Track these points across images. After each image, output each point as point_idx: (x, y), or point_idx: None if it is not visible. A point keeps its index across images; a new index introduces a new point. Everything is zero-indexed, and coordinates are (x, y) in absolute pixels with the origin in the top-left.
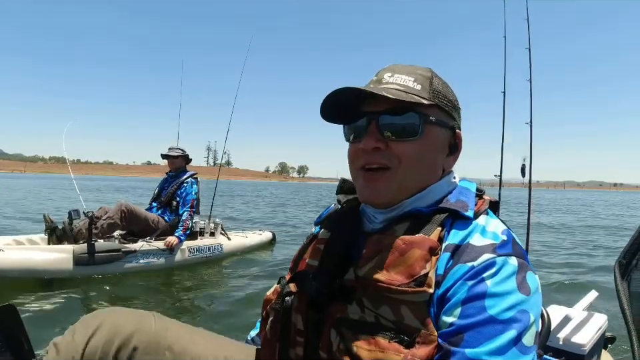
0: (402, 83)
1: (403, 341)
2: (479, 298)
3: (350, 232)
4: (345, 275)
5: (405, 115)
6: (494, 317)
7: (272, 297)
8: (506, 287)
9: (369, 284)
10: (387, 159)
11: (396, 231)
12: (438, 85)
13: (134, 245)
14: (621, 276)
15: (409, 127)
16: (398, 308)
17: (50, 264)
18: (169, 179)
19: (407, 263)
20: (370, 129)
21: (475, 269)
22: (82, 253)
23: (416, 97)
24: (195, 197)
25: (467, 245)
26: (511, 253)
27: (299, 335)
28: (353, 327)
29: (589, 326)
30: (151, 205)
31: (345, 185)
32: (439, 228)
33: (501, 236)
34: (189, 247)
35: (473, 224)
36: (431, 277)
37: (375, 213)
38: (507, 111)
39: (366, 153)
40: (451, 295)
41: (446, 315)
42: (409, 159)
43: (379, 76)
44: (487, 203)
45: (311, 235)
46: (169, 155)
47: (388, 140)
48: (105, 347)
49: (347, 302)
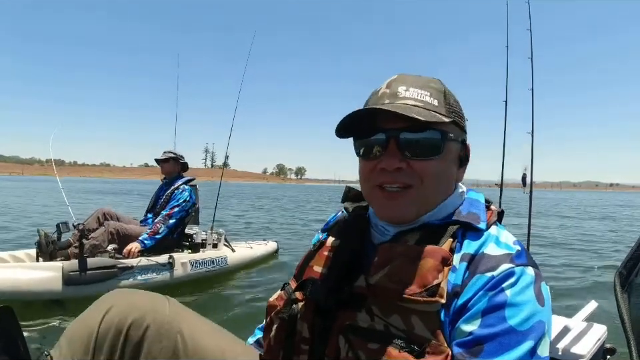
0: (419, 98)
1: (413, 351)
2: (499, 308)
3: (358, 241)
4: (354, 282)
5: (425, 132)
6: (514, 328)
7: (277, 303)
8: (525, 297)
9: (379, 292)
10: (409, 178)
11: (407, 241)
12: (450, 99)
13: (131, 261)
14: (621, 287)
15: (431, 145)
16: (409, 317)
17: (36, 284)
18: (164, 186)
19: (420, 272)
20: (390, 147)
21: (495, 278)
22: (72, 271)
23: (437, 114)
24: (180, 204)
25: (482, 254)
26: (527, 263)
27: (303, 342)
28: (361, 335)
29: (588, 336)
30: (146, 217)
31: (349, 194)
32: (451, 239)
33: (514, 246)
34: (191, 260)
35: (486, 234)
36: (443, 287)
37: (386, 226)
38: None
39: (386, 173)
40: (471, 305)
41: (465, 323)
42: (431, 178)
43: (392, 89)
44: (496, 214)
45: (317, 242)
46: (158, 160)
47: (410, 159)
48: (118, 325)
49: (356, 309)
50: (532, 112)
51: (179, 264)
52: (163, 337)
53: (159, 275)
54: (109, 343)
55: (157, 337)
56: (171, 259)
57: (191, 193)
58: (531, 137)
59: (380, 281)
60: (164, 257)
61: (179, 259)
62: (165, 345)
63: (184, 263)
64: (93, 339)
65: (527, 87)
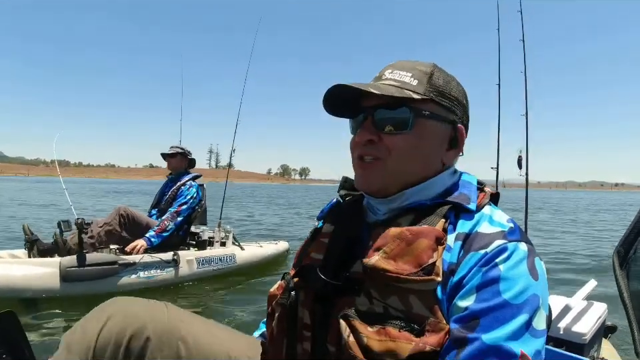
0: (398, 78)
1: (413, 330)
2: (493, 282)
3: (353, 225)
4: (350, 267)
5: (398, 109)
6: (508, 301)
7: (277, 292)
8: (518, 271)
9: (376, 275)
10: (378, 151)
11: (400, 223)
12: (438, 80)
13: (133, 257)
14: (619, 265)
15: (400, 121)
16: (406, 297)
17: (32, 280)
18: (169, 182)
19: (415, 252)
20: (365, 123)
21: (488, 255)
22: (70, 267)
23: (408, 91)
24: (187, 201)
25: (476, 233)
26: (520, 238)
27: (306, 329)
28: (362, 318)
29: (588, 315)
30: (150, 213)
31: (346, 183)
32: (443, 220)
33: (508, 224)
34: (198, 257)
35: (479, 214)
36: (438, 266)
37: (377, 204)
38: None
39: (361, 145)
40: (466, 281)
41: (461, 299)
42: (399, 150)
43: (381, 73)
44: (488, 196)
45: (313, 230)
46: (165, 154)
47: (381, 133)
48: (118, 337)
49: (354, 294)
50: (525, 94)
51: (184, 261)
52: (164, 345)
53: (163, 272)
54: (109, 355)
55: (158, 346)
56: (176, 256)
57: (198, 190)
58: (525, 118)
59: (376, 264)
60: (168, 254)
61: (185, 256)
62: (167, 354)
63: (190, 260)
64: (91, 350)
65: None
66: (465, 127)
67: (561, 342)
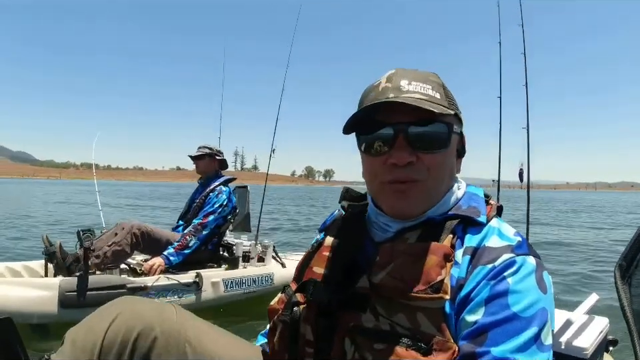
0: (423, 91)
1: (420, 349)
2: (502, 295)
3: (357, 238)
4: (354, 282)
5: (431, 125)
6: (517, 314)
7: (278, 306)
8: (526, 284)
9: (383, 291)
10: (418, 173)
11: (408, 239)
12: (449, 92)
13: (145, 279)
14: (621, 278)
15: (439, 138)
16: (414, 315)
17: (27, 304)
18: (200, 187)
19: (423, 269)
20: (399, 142)
21: (496, 268)
22: (70, 291)
23: (442, 107)
24: (215, 210)
25: (484, 247)
26: (528, 252)
27: (308, 345)
28: (367, 336)
29: (590, 329)
30: (177, 224)
31: (347, 194)
32: (451, 235)
33: (515, 237)
34: (226, 279)
35: (487, 227)
36: (447, 284)
37: (389, 222)
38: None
39: (397, 168)
40: (474, 295)
41: (469, 314)
42: (437, 170)
43: (394, 83)
44: (495, 208)
45: (316, 242)
46: (192, 156)
47: (419, 152)
48: (125, 335)
49: (360, 310)
50: (527, 107)
51: (208, 283)
52: (171, 347)
53: (181, 298)
54: (115, 353)
55: (165, 348)
56: (198, 278)
57: (230, 195)
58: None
59: (383, 280)
60: (189, 275)
61: (209, 278)
62: (174, 355)
63: (215, 282)
64: (98, 347)
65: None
66: None
67: (562, 357)
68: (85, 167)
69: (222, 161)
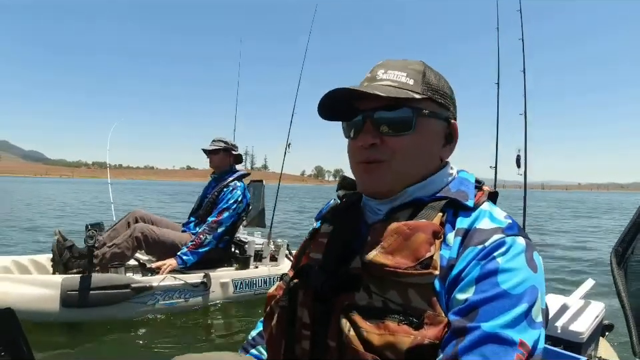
0: (395, 78)
1: (412, 323)
2: (492, 274)
3: (352, 224)
4: (349, 264)
5: (398, 110)
6: (506, 291)
7: (276, 293)
8: (516, 263)
9: (375, 269)
10: (382, 154)
11: (398, 218)
12: (431, 78)
13: (151, 279)
14: (617, 264)
15: (403, 122)
16: (405, 291)
17: (29, 302)
18: (212, 182)
19: (412, 246)
20: (366, 126)
21: (487, 248)
22: (72, 290)
23: (408, 92)
24: (230, 206)
25: (475, 229)
26: (518, 233)
27: (305, 328)
28: (361, 313)
29: (586, 314)
30: (188, 220)
31: (344, 182)
32: (440, 213)
33: (506, 220)
34: (235, 279)
35: (479, 210)
36: (436, 260)
37: (378, 205)
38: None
39: (363, 149)
40: (464, 275)
41: (460, 292)
42: (403, 151)
43: (373, 73)
44: (486, 194)
45: (312, 230)
46: (206, 150)
47: (383, 135)
48: None
49: (353, 289)
50: (524, 93)
51: (217, 284)
52: None
53: (189, 299)
54: None
55: None
56: (206, 278)
57: (245, 191)
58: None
59: (374, 259)
60: (197, 275)
61: (218, 278)
62: None
63: (224, 283)
64: None
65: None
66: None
67: (559, 341)
68: (96, 166)
69: (237, 155)
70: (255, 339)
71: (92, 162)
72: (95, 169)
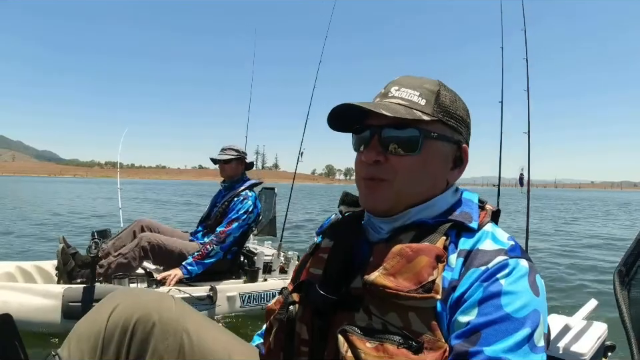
0: (406, 97)
1: (411, 347)
2: (495, 296)
3: (353, 241)
4: (349, 282)
5: (406, 129)
6: (510, 315)
7: (275, 307)
8: (519, 286)
9: (376, 291)
10: (385, 173)
11: (402, 240)
12: (445, 100)
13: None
14: (620, 284)
15: (409, 142)
16: (405, 314)
17: (29, 313)
18: (223, 191)
19: (415, 269)
20: (372, 142)
21: (490, 270)
22: (73, 301)
23: (417, 112)
24: (240, 216)
25: (477, 250)
26: (521, 256)
27: (303, 344)
28: (360, 334)
29: (588, 335)
30: (196, 230)
31: (347, 198)
32: (444, 237)
33: (508, 242)
34: (243, 293)
35: (481, 232)
36: (438, 284)
37: (380, 223)
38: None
39: (368, 165)
40: (467, 296)
41: (462, 315)
42: (405, 172)
43: (387, 89)
44: (490, 214)
45: (313, 245)
46: (216, 160)
47: (388, 154)
48: (125, 322)
49: (353, 309)
50: (528, 112)
51: (223, 298)
52: (168, 334)
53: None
54: (115, 340)
55: (163, 335)
56: (212, 292)
57: (256, 201)
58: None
59: (376, 280)
60: (203, 289)
61: (225, 292)
62: (171, 343)
63: (231, 297)
64: (101, 337)
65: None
66: (468, 145)
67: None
68: (109, 166)
69: (249, 164)
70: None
71: (105, 162)
72: (108, 169)
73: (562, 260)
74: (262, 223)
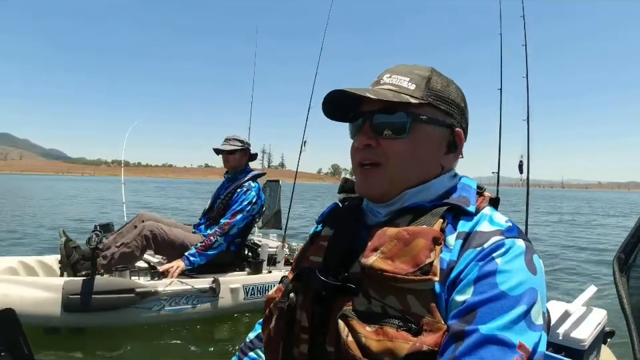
0: (396, 83)
1: (410, 329)
2: (490, 275)
3: (353, 227)
4: (349, 268)
5: (395, 114)
6: (505, 292)
7: (275, 295)
8: (515, 265)
9: (374, 275)
10: (377, 156)
11: (399, 224)
12: (436, 84)
13: (157, 283)
14: (619, 271)
15: (398, 126)
16: (404, 297)
17: (30, 306)
18: (226, 182)
19: (412, 252)
20: (364, 128)
21: (485, 250)
22: (74, 294)
23: (405, 96)
24: (244, 208)
25: (475, 232)
26: (518, 235)
27: (303, 332)
28: (360, 318)
29: (588, 321)
30: (199, 221)
31: (346, 185)
32: (440, 220)
33: (506, 223)
34: (246, 285)
35: (480, 215)
36: (436, 266)
37: (377, 208)
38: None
39: (360, 150)
40: (463, 276)
41: (458, 294)
42: (397, 155)
43: (379, 77)
44: (487, 199)
45: (313, 233)
46: (221, 150)
47: (379, 138)
48: None
49: (353, 294)
50: (527, 99)
51: (226, 290)
52: None
53: (196, 306)
54: None
55: None
56: (215, 283)
57: (259, 192)
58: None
59: (374, 264)
60: (205, 281)
61: (228, 284)
62: None
63: (235, 288)
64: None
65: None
66: (463, 130)
67: (561, 348)
68: (116, 164)
69: (253, 155)
70: (252, 341)
71: (111, 160)
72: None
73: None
74: (267, 215)
